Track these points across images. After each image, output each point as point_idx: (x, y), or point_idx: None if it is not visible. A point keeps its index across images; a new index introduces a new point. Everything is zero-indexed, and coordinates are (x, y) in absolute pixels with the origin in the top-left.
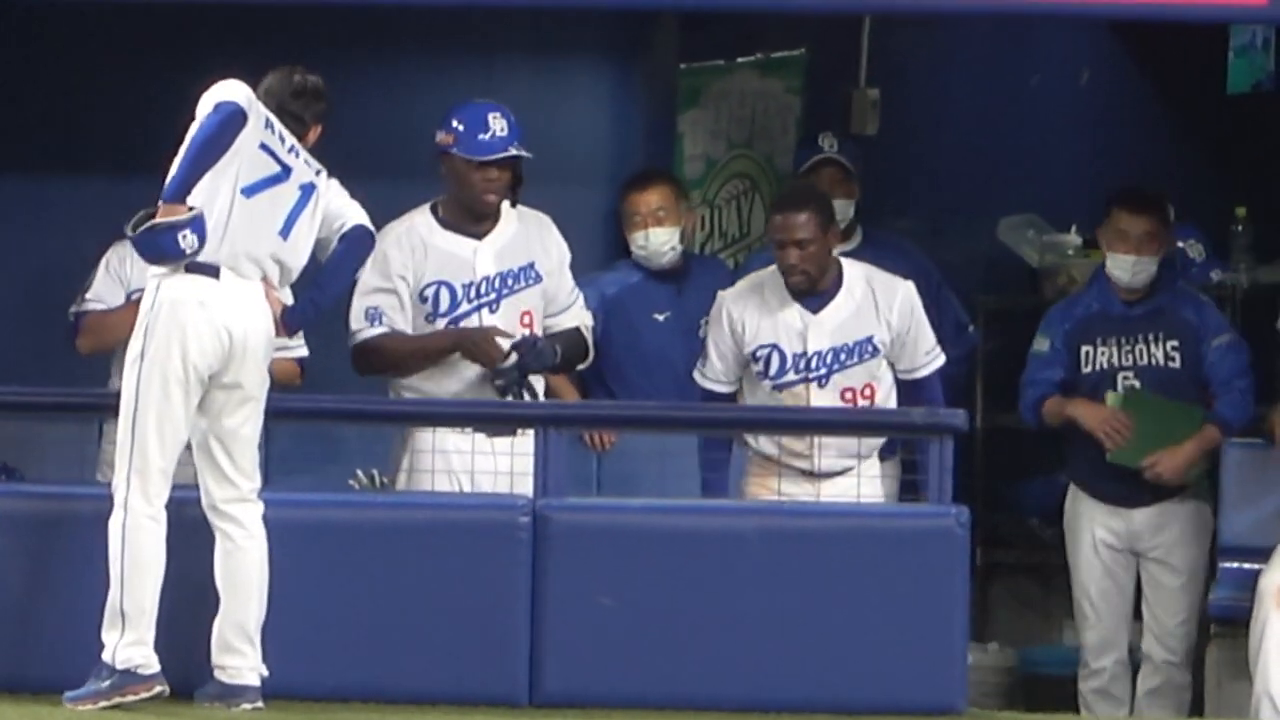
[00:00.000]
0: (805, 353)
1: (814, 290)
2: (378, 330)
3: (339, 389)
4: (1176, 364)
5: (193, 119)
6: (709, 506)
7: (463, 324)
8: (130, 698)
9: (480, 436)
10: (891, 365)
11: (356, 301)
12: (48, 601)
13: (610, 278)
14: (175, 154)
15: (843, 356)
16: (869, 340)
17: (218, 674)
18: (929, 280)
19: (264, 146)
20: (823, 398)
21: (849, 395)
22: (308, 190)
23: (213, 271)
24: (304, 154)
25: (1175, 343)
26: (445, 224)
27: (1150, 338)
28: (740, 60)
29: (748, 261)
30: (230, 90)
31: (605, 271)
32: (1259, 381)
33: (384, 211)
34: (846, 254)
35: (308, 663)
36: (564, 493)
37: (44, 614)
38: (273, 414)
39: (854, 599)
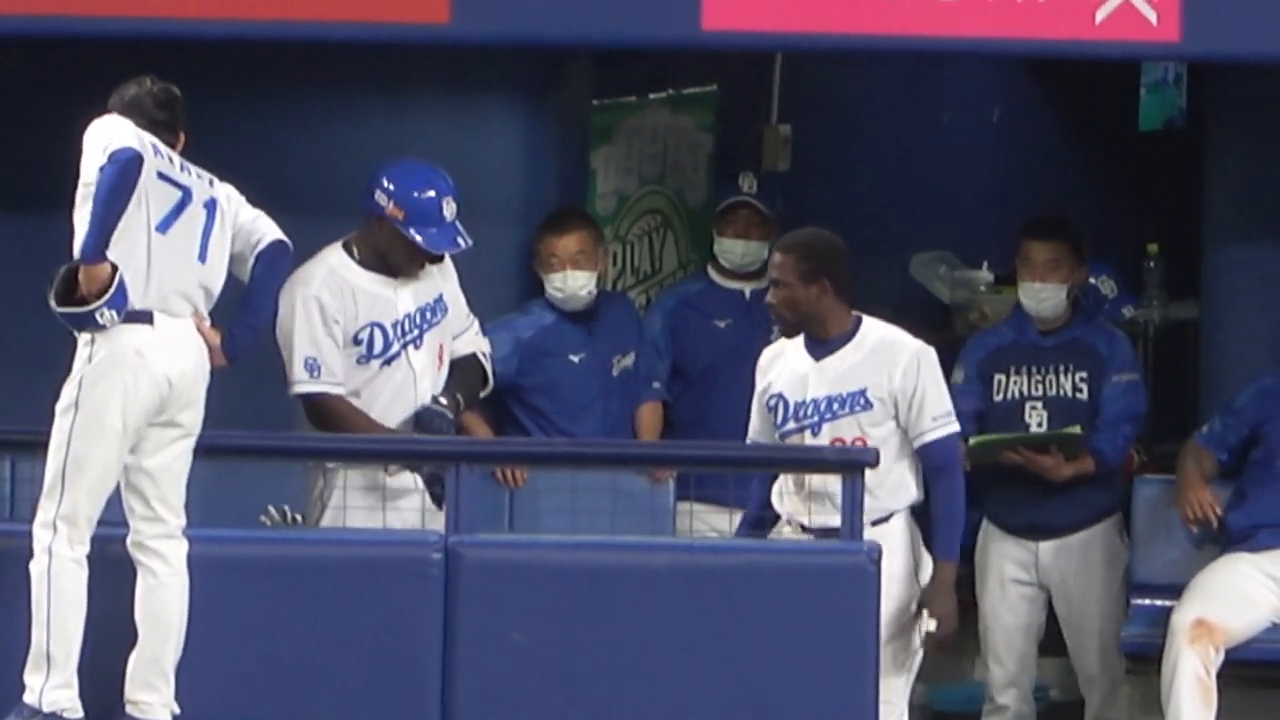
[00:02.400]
0: (804, 400)
1: (811, 334)
2: (321, 386)
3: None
4: (1084, 395)
5: (80, 154)
6: (621, 543)
7: (393, 363)
8: None
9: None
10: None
11: (296, 350)
12: None
13: (524, 321)
14: (74, 196)
15: (835, 406)
16: (862, 393)
17: (129, 709)
18: None
19: (161, 175)
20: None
21: (837, 445)
22: (211, 206)
23: (146, 318)
24: (192, 168)
25: (1084, 374)
26: (364, 265)
27: (1060, 368)
28: (652, 97)
29: (661, 297)
30: (119, 133)
31: (518, 315)
32: (1168, 417)
33: (297, 248)
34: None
35: (219, 699)
36: (476, 529)
37: None
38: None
39: (766, 635)
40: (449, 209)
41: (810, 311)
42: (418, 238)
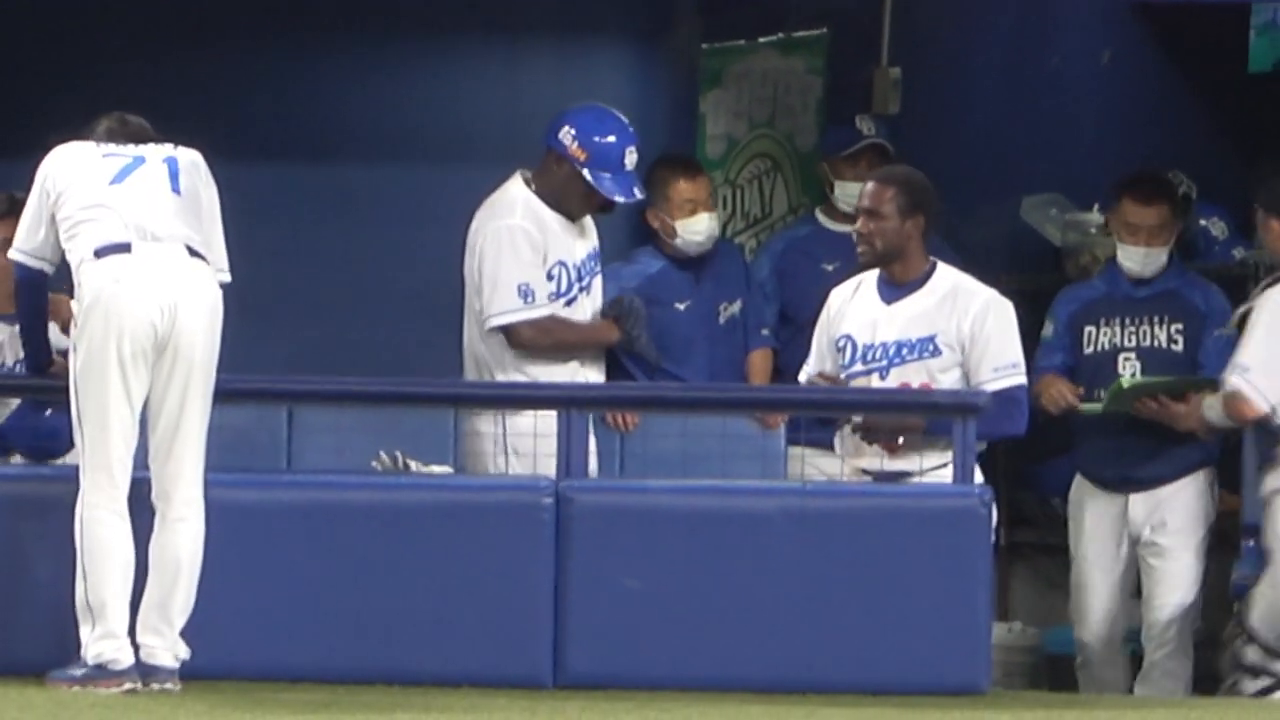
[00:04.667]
0: (873, 343)
1: (884, 268)
2: (538, 310)
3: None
4: (1179, 347)
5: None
6: (732, 488)
7: (572, 305)
8: (102, 690)
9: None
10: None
11: (504, 279)
12: (33, 583)
13: (629, 270)
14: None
15: (904, 351)
16: (931, 339)
17: (140, 652)
18: None
19: (109, 154)
20: None
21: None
22: (171, 161)
23: (124, 248)
24: (151, 146)
25: (1179, 326)
26: (547, 203)
27: (1154, 319)
28: (761, 40)
29: (769, 241)
30: (17, 241)
31: (623, 264)
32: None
33: (412, 195)
34: None
35: (333, 644)
36: (587, 473)
37: (29, 596)
38: (296, 396)
39: (877, 579)
40: (630, 158)
41: (898, 246)
42: (596, 182)
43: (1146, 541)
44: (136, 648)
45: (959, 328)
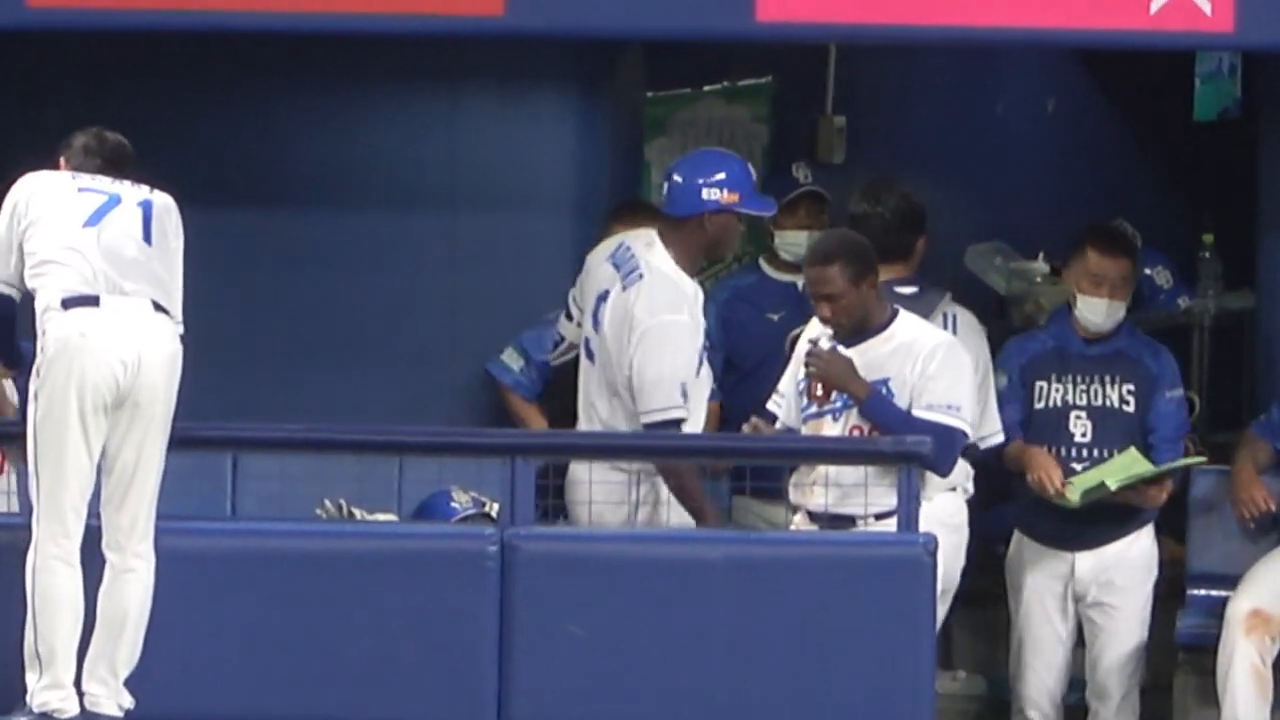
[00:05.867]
0: None
1: (854, 336)
2: (684, 413)
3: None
4: (1130, 408)
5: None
6: (677, 535)
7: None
8: None
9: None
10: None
11: (673, 377)
12: None
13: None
14: None
15: None
16: (885, 382)
17: (84, 699)
18: None
19: (83, 190)
20: (834, 433)
21: (856, 434)
22: (146, 205)
23: (91, 301)
24: (128, 183)
25: (1131, 387)
26: (689, 269)
27: (1106, 379)
28: (706, 88)
29: (714, 290)
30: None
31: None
32: (1223, 407)
33: (358, 242)
34: None
35: (278, 691)
36: (531, 522)
37: None
38: (240, 443)
39: (822, 627)
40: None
41: (864, 312)
42: (758, 210)
43: (1093, 600)
44: (81, 696)
45: (912, 370)
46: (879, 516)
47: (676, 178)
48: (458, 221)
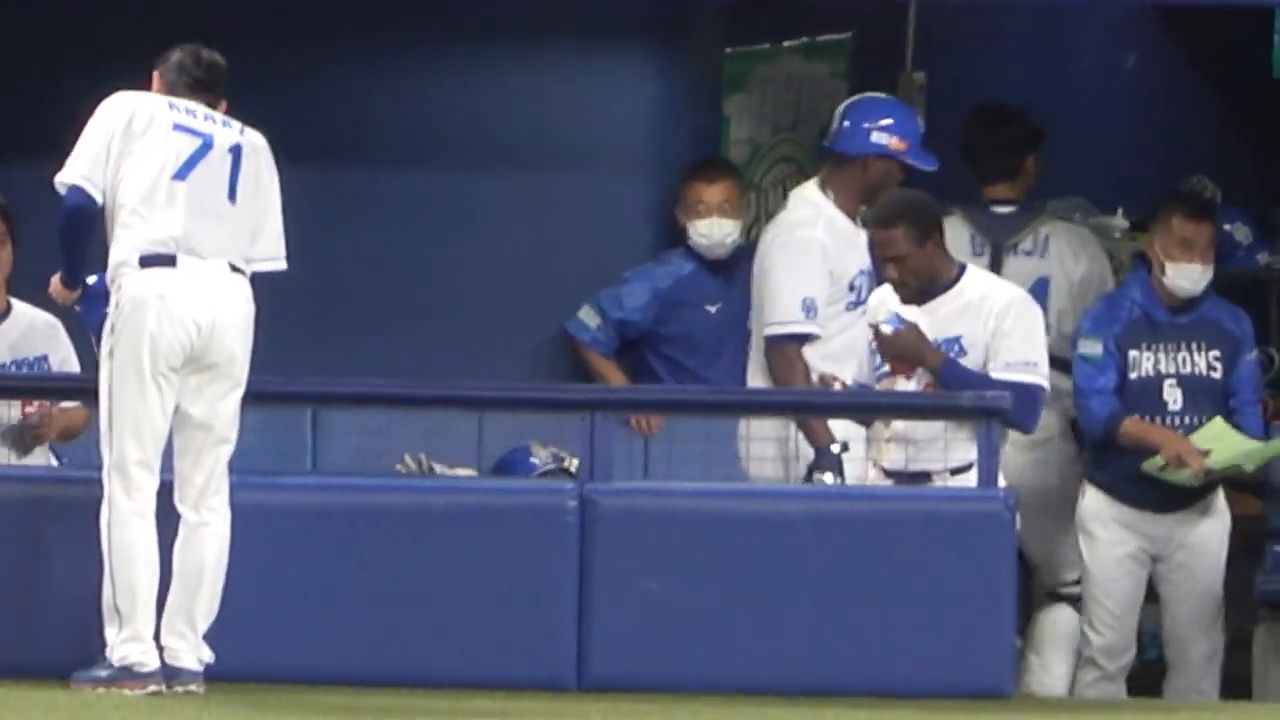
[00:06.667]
0: None
1: (924, 294)
2: (812, 327)
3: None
4: (1217, 374)
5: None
6: (756, 490)
7: (856, 310)
8: (126, 692)
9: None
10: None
11: (791, 290)
12: (55, 585)
13: (662, 271)
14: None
15: None
16: (957, 340)
17: (164, 653)
18: None
19: (178, 127)
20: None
21: (929, 390)
22: (236, 151)
23: (169, 261)
24: (218, 117)
25: (1216, 353)
26: (848, 211)
27: (1194, 346)
28: (786, 44)
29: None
30: (77, 166)
31: (656, 264)
32: None
33: (436, 199)
34: None
35: (356, 647)
36: (611, 476)
37: (51, 597)
38: (320, 399)
39: (901, 582)
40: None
41: (931, 271)
42: (921, 163)
43: (1171, 559)
44: (161, 650)
45: (984, 327)
46: (954, 472)
47: (846, 120)
48: (537, 180)
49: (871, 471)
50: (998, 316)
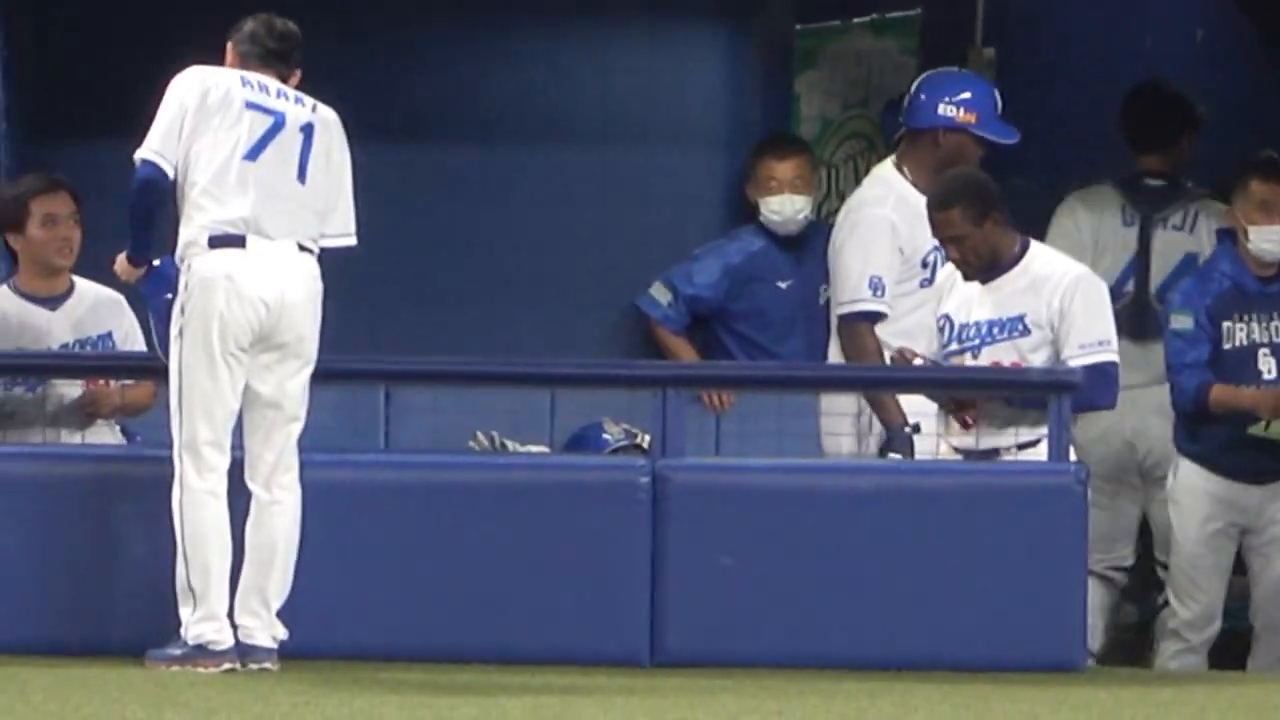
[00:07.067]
0: (968, 323)
1: (988, 272)
2: (880, 305)
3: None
4: None
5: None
6: (828, 466)
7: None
8: (201, 670)
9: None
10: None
11: (861, 268)
12: (128, 564)
13: (733, 247)
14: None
15: (995, 330)
16: (1021, 319)
17: (238, 631)
18: None
19: (250, 104)
20: None
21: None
22: (308, 130)
23: (238, 242)
24: (292, 93)
25: None
26: (917, 187)
27: None
28: (856, 21)
29: None
30: (150, 142)
31: (727, 241)
32: None
33: (502, 176)
34: None
35: (430, 623)
36: (683, 453)
37: (125, 576)
38: (392, 376)
39: (973, 556)
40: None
41: (991, 250)
42: (996, 135)
43: (1261, 531)
44: (235, 628)
45: (1049, 306)
46: (1022, 447)
47: (921, 93)
48: (608, 157)
49: (942, 447)
50: (1062, 296)
